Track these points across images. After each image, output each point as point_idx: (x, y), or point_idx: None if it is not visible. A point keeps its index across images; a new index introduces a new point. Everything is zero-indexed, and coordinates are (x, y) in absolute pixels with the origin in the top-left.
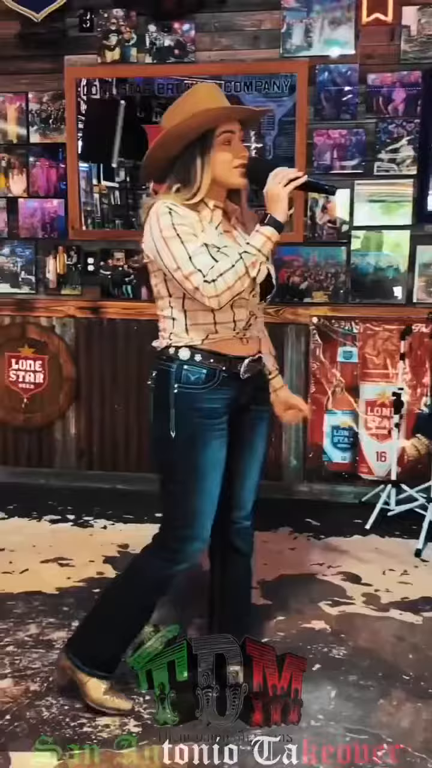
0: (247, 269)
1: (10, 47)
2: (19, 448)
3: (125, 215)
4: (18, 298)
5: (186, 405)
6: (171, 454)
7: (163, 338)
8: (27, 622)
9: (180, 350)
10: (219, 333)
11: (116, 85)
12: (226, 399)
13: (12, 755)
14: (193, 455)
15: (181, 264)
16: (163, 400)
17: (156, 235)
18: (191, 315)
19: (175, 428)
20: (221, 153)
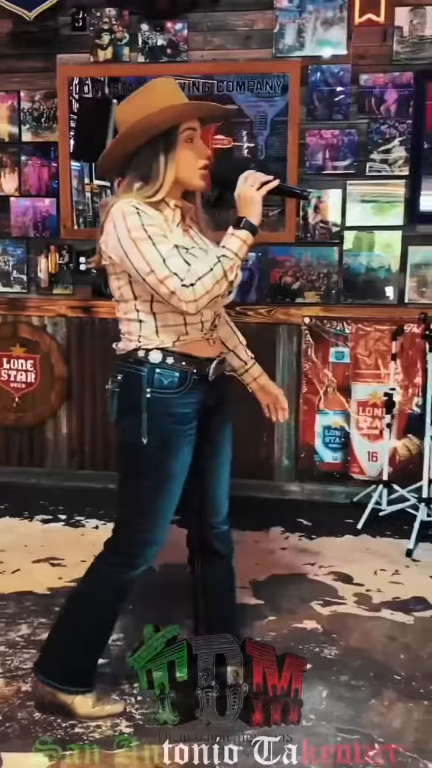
0: (225, 273)
1: (2, 46)
2: (11, 448)
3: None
4: (10, 297)
5: (159, 410)
6: (141, 460)
7: (130, 341)
8: (18, 622)
9: (150, 353)
10: (189, 334)
11: (108, 84)
12: (196, 403)
13: (3, 756)
14: (164, 461)
15: (155, 267)
16: (133, 405)
17: (123, 235)
18: (161, 317)
19: (147, 434)
20: (185, 151)
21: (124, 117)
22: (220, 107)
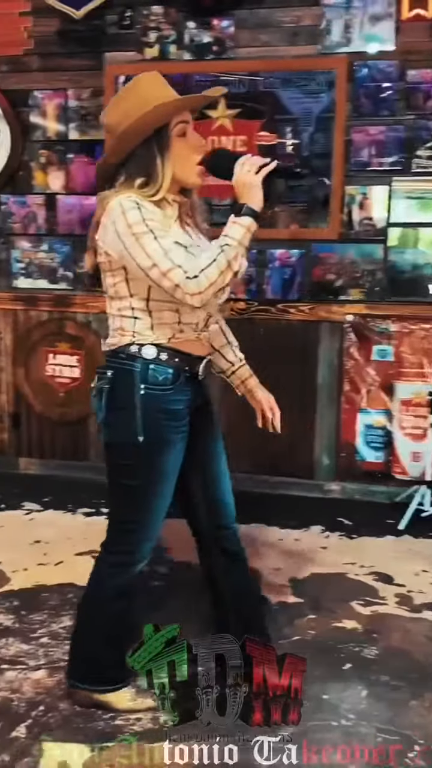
0: (229, 263)
1: (51, 44)
2: (55, 442)
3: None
4: (56, 294)
5: (153, 407)
6: (134, 458)
7: (123, 336)
8: (61, 614)
9: (144, 348)
10: (183, 333)
11: None
12: (187, 400)
13: (45, 745)
14: (159, 459)
15: (158, 261)
16: (126, 402)
17: (123, 230)
18: (156, 315)
19: (143, 432)
20: (179, 147)
21: (115, 119)
22: (207, 96)
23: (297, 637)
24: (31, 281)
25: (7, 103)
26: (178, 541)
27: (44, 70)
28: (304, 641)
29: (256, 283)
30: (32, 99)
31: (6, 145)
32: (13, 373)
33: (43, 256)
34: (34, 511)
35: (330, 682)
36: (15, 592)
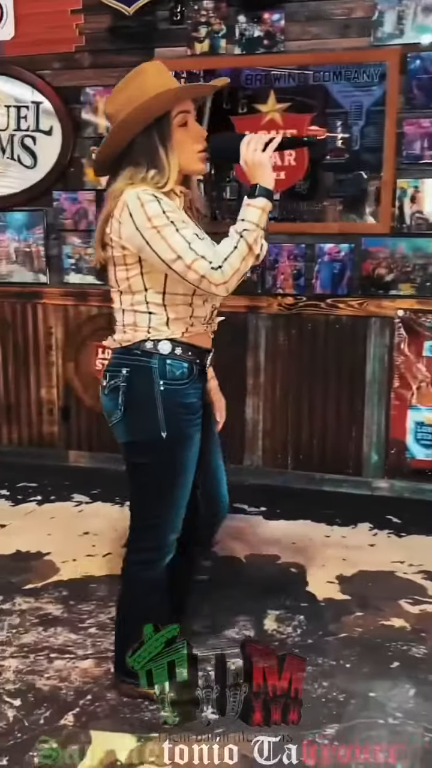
0: (250, 247)
1: (101, 41)
2: (102, 435)
3: (209, 207)
4: (104, 289)
5: (173, 402)
6: (159, 455)
7: (136, 332)
8: (109, 605)
9: (160, 344)
10: (194, 326)
11: (204, 76)
12: (200, 393)
13: (93, 734)
14: (181, 454)
15: (182, 253)
16: (146, 399)
17: (143, 223)
18: (171, 309)
19: (166, 428)
20: (181, 136)
21: (116, 107)
22: (209, 85)
23: (344, 634)
24: (81, 277)
25: (59, 100)
26: (224, 535)
27: (95, 66)
28: (351, 638)
29: (304, 278)
30: (84, 95)
31: (58, 141)
32: (64, 367)
33: (92, 252)
34: (83, 503)
35: (377, 680)
36: (64, 582)
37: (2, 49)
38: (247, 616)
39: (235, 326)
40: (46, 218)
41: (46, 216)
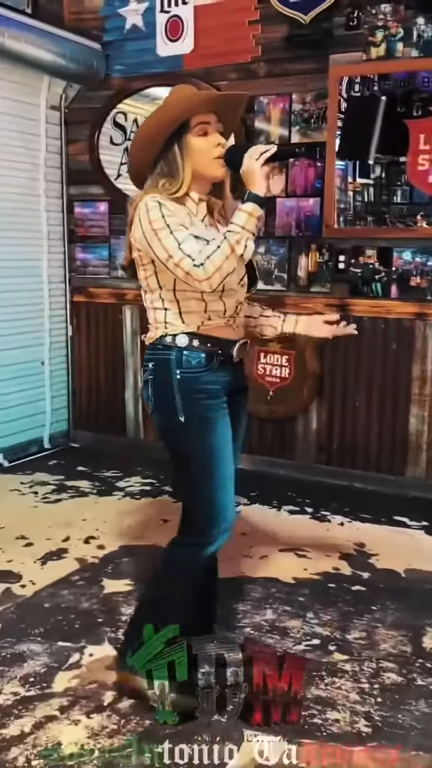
0: (232, 247)
1: (277, 50)
2: (263, 439)
3: (378, 212)
4: (270, 294)
5: (190, 389)
6: (184, 440)
7: (157, 328)
8: (264, 607)
9: (177, 337)
10: (212, 320)
11: (378, 81)
12: (223, 381)
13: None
14: (206, 436)
15: (172, 252)
16: (166, 389)
17: (146, 227)
18: (184, 304)
19: (184, 413)
20: (198, 142)
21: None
22: (218, 94)
23: None
24: None
25: None
26: (384, 548)
27: (270, 76)
28: None
29: None
30: (257, 104)
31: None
32: None
33: (259, 258)
34: (241, 504)
35: None
36: (221, 580)
37: (182, 62)
38: (404, 632)
39: (401, 333)
40: None
41: None
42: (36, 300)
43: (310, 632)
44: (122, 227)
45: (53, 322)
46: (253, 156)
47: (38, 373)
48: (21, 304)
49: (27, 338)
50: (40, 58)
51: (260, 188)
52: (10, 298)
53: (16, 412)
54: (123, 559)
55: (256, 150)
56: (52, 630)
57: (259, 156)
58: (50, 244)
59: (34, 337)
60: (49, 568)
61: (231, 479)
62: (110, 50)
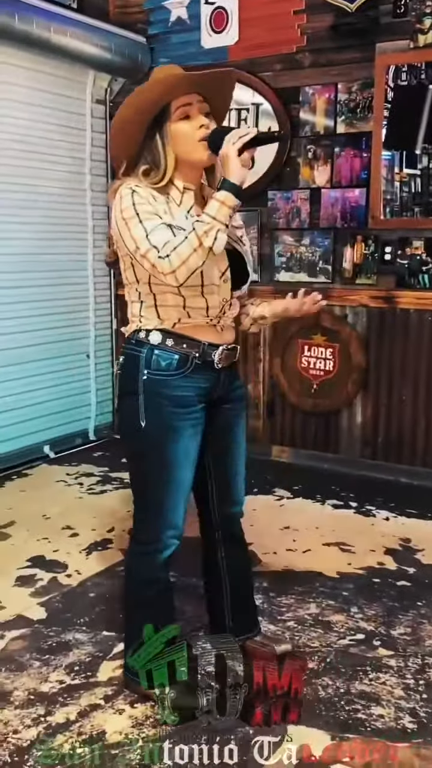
0: (200, 239)
1: (323, 40)
2: (307, 432)
3: (425, 203)
4: (315, 286)
5: (155, 392)
6: (141, 444)
7: (132, 322)
8: (308, 600)
9: (151, 334)
10: (191, 318)
11: (425, 69)
12: (199, 388)
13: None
14: (163, 445)
15: (139, 243)
16: (131, 387)
17: (117, 216)
18: (160, 298)
19: (145, 417)
20: (179, 126)
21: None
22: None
23: None
24: (291, 275)
25: (279, 101)
26: (430, 543)
27: (315, 66)
28: None
29: None
30: (303, 95)
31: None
32: (270, 363)
33: (303, 250)
34: (285, 497)
35: None
36: (265, 573)
37: (227, 53)
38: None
39: None
40: (261, 218)
41: (260, 216)
42: (81, 293)
43: (354, 627)
44: None
45: (98, 315)
46: (229, 139)
47: (84, 366)
48: (66, 297)
49: (72, 331)
50: (86, 52)
51: (235, 175)
52: (56, 292)
53: (62, 404)
54: None
55: (235, 134)
56: (96, 619)
57: (237, 140)
58: (95, 237)
59: (79, 330)
60: (94, 558)
61: (186, 490)
62: (155, 43)
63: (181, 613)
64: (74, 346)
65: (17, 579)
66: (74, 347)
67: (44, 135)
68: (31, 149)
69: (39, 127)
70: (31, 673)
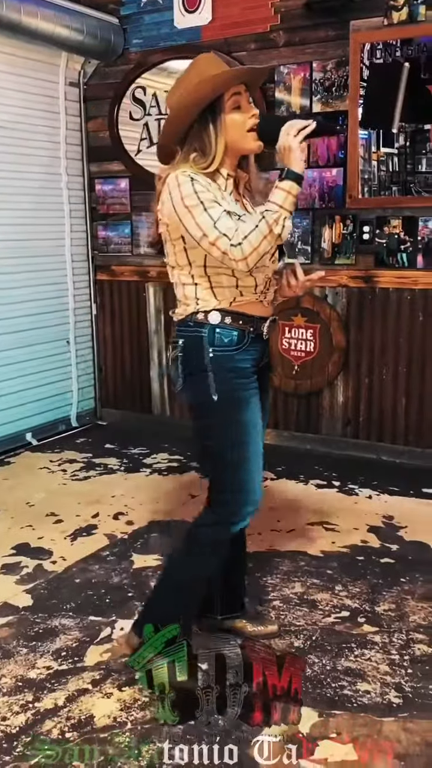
0: (270, 227)
1: (297, 18)
2: (289, 413)
3: (403, 181)
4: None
5: (223, 367)
6: (217, 419)
7: (188, 305)
8: (293, 580)
9: (210, 314)
10: (243, 296)
11: (401, 47)
12: (253, 359)
13: None
14: (238, 415)
15: (207, 231)
16: (198, 366)
17: (178, 203)
18: (215, 279)
19: (217, 391)
20: (232, 116)
21: (173, 99)
22: (255, 68)
23: None
24: None
25: None
26: (413, 520)
27: (289, 44)
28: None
29: None
30: (278, 74)
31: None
32: None
33: None
34: (268, 479)
35: None
36: (250, 554)
37: (200, 33)
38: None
39: (428, 304)
40: None
41: None
42: (60, 279)
43: (339, 605)
44: (144, 204)
45: (77, 301)
46: (290, 132)
47: (64, 353)
48: (45, 283)
49: (52, 317)
50: (58, 34)
51: (299, 165)
52: (34, 278)
53: (44, 391)
54: (152, 534)
55: (292, 126)
56: (83, 605)
57: (298, 132)
58: (72, 222)
59: (59, 317)
60: (79, 544)
61: (260, 457)
62: (127, 24)
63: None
64: (54, 332)
65: (2, 567)
66: (54, 334)
67: (17, 119)
68: (3, 134)
69: (11, 111)
70: (18, 660)
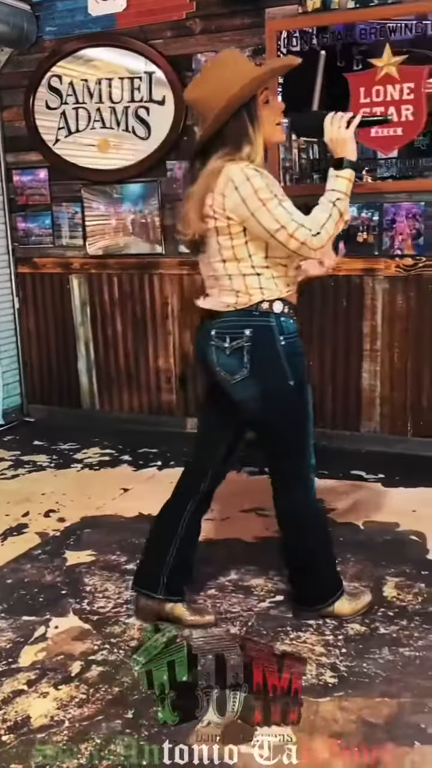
0: (341, 213)
1: (212, 5)
2: None
3: (324, 169)
4: None
5: (293, 353)
6: (290, 401)
7: (251, 295)
8: (228, 567)
9: (274, 303)
10: (290, 287)
11: (317, 34)
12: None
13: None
14: (306, 396)
15: (285, 223)
16: (270, 354)
17: (249, 196)
18: (274, 270)
19: (292, 377)
20: (265, 112)
21: (204, 95)
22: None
23: None
24: None
25: (171, 69)
26: (342, 502)
27: (206, 32)
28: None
29: (424, 237)
30: (195, 62)
31: (170, 111)
32: (180, 336)
33: None
34: None
35: None
36: None
37: (115, 20)
38: (365, 582)
39: (351, 290)
40: (161, 188)
41: (160, 186)
42: None
43: (273, 589)
44: (64, 194)
45: None
46: (338, 124)
47: None
48: None
49: None
50: None
51: (354, 155)
52: None
53: None
54: (84, 530)
55: (338, 118)
56: (15, 605)
57: (347, 124)
58: None
59: None
60: (9, 544)
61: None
62: (40, 11)
63: (104, 590)
64: None
65: None
66: None
67: None
68: None
69: None
70: None
